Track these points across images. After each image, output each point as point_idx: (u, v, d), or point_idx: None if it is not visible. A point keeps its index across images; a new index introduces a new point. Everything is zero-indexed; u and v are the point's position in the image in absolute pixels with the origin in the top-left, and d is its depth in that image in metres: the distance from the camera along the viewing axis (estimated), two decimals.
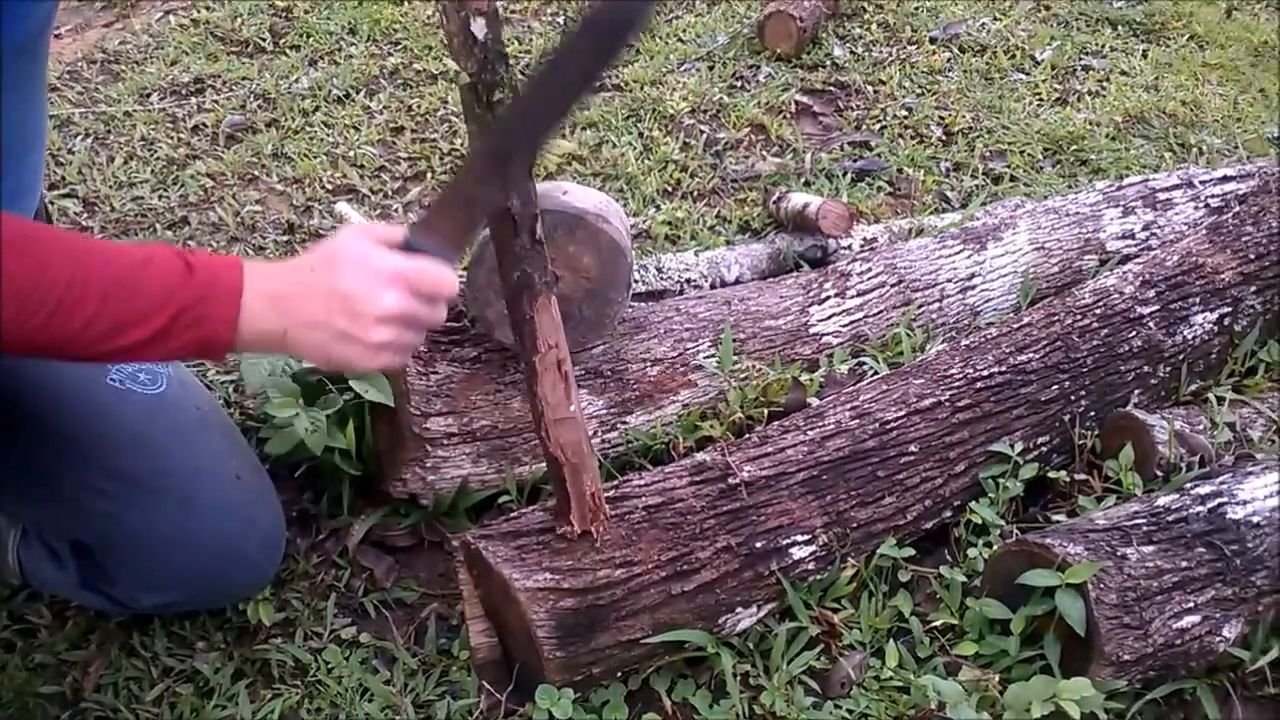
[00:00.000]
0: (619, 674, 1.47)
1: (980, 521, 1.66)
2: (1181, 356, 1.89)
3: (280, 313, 1.06)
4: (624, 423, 1.78)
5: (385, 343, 1.08)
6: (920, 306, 2.02)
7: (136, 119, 2.80)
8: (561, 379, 1.35)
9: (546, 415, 1.37)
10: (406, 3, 3.38)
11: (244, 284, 1.04)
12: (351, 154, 2.70)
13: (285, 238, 2.42)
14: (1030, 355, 1.78)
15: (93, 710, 1.46)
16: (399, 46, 3.22)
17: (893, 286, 2.02)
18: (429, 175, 2.66)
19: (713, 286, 2.12)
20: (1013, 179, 2.73)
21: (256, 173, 2.63)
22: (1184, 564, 1.47)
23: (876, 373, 1.87)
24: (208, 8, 3.36)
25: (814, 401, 1.77)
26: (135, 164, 2.63)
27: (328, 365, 1.11)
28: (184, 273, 1.02)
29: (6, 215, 0.97)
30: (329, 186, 2.59)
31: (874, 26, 3.43)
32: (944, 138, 2.91)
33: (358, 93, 2.96)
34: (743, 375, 1.84)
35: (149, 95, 2.92)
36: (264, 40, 3.20)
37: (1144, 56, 3.41)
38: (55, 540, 1.48)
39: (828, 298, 1.98)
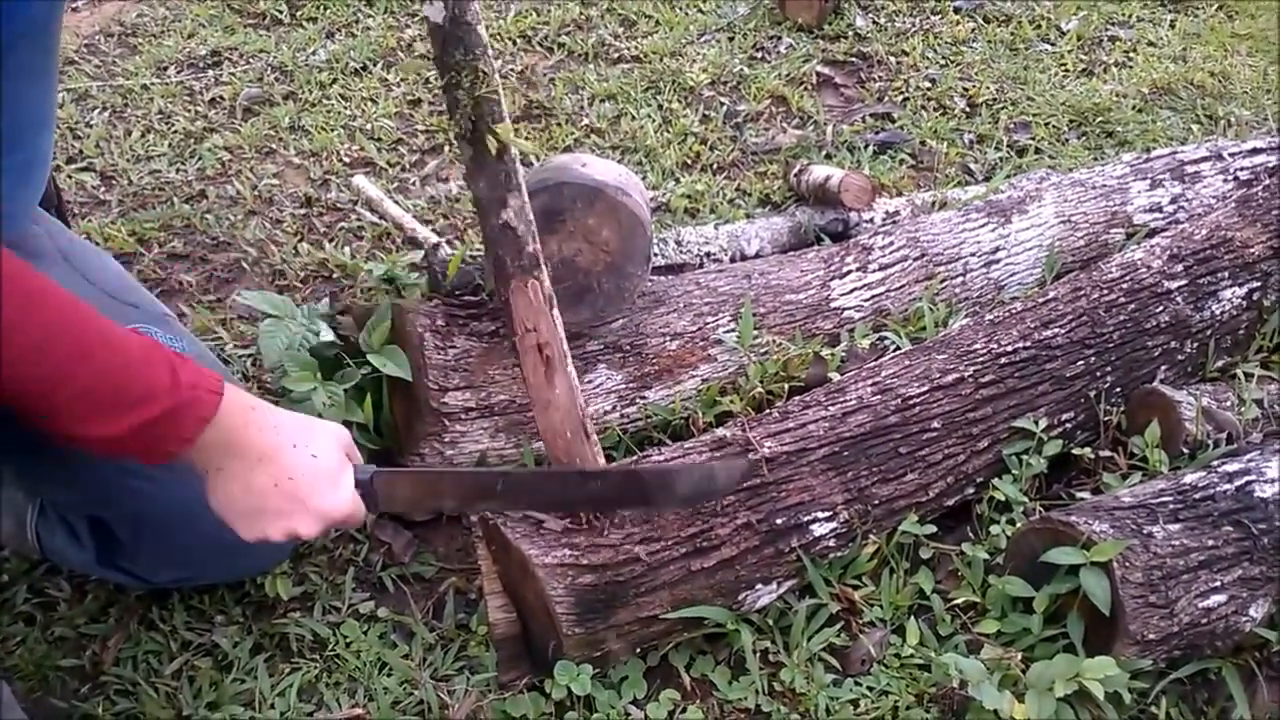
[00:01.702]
0: (638, 650, 1.47)
1: (1003, 498, 1.65)
2: (1209, 332, 1.87)
3: (229, 456, 1.08)
4: (643, 397, 1.77)
5: (266, 539, 1.13)
6: (943, 281, 2.00)
7: (154, 92, 2.79)
8: (542, 363, 1.34)
9: (531, 397, 1.37)
10: None
11: (220, 409, 1.05)
12: (369, 127, 2.69)
13: (302, 210, 2.41)
14: (1055, 330, 1.76)
15: (112, 683, 1.47)
16: (416, 18, 3.19)
17: (915, 260, 2.00)
18: (446, 148, 2.64)
19: (733, 260, 2.10)
20: (1037, 151, 2.70)
21: (274, 146, 2.62)
22: (1210, 542, 1.45)
23: (899, 348, 1.85)
24: None
25: (835, 376, 1.75)
26: (153, 137, 2.62)
27: (219, 515, 1.13)
28: (169, 380, 1.02)
29: (21, 267, 0.95)
30: (346, 159, 2.57)
31: None
32: (968, 109, 2.87)
33: (375, 65, 2.94)
34: (763, 350, 1.83)
35: (166, 68, 2.91)
36: (281, 12, 3.18)
37: (1171, 27, 3.36)
38: (73, 517, 1.48)
39: (849, 272, 1.96)
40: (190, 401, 1.03)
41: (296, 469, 1.10)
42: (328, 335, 1.68)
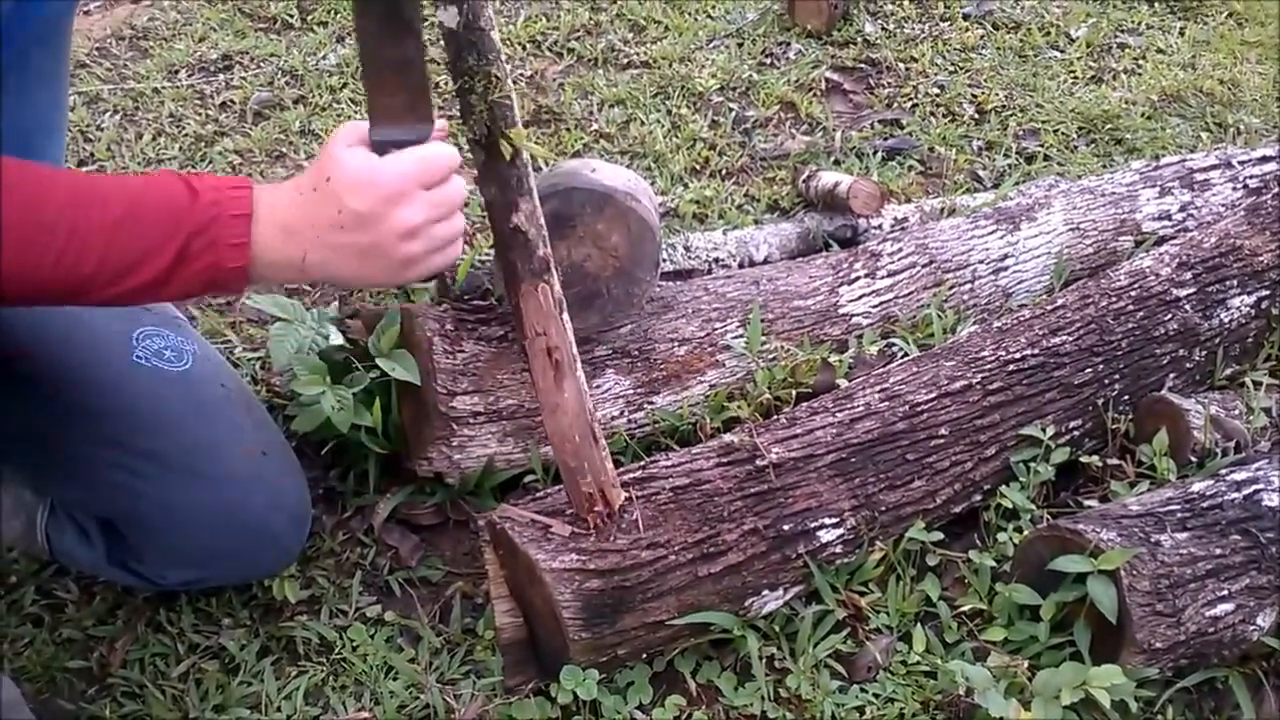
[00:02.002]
0: (644, 655, 1.47)
1: (1011, 506, 1.65)
2: (1218, 340, 1.86)
3: (295, 239, 1.01)
4: (651, 403, 1.77)
5: (416, 254, 1.04)
6: (952, 287, 2.00)
7: (165, 96, 2.80)
8: (551, 367, 1.34)
9: (540, 402, 1.37)
10: None
11: (253, 204, 0.99)
12: None
13: None
14: (1064, 338, 1.76)
15: (119, 685, 1.47)
16: (425, 23, 3.19)
17: (924, 267, 2.00)
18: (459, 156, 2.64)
19: (741, 266, 2.11)
20: (1046, 158, 2.69)
21: (284, 150, 2.63)
22: (1218, 551, 1.45)
23: (907, 354, 1.85)
24: None
25: (843, 383, 1.75)
26: (164, 141, 2.63)
27: (366, 285, 1.04)
28: (188, 197, 0.97)
29: (4, 158, 0.93)
30: None
31: (906, 3, 3.39)
32: (977, 116, 2.87)
33: None
34: (771, 356, 1.83)
35: (177, 72, 2.92)
36: (292, 17, 3.19)
37: (1181, 34, 3.35)
38: (83, 517, 1.48)
39: (858, 278, 1.96)
40: (217, 204, 0.97)
41: (341, 204, 1.00)
42: (337, 339, 1.69)
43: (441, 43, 1.21)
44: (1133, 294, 1.84)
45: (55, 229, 0.92)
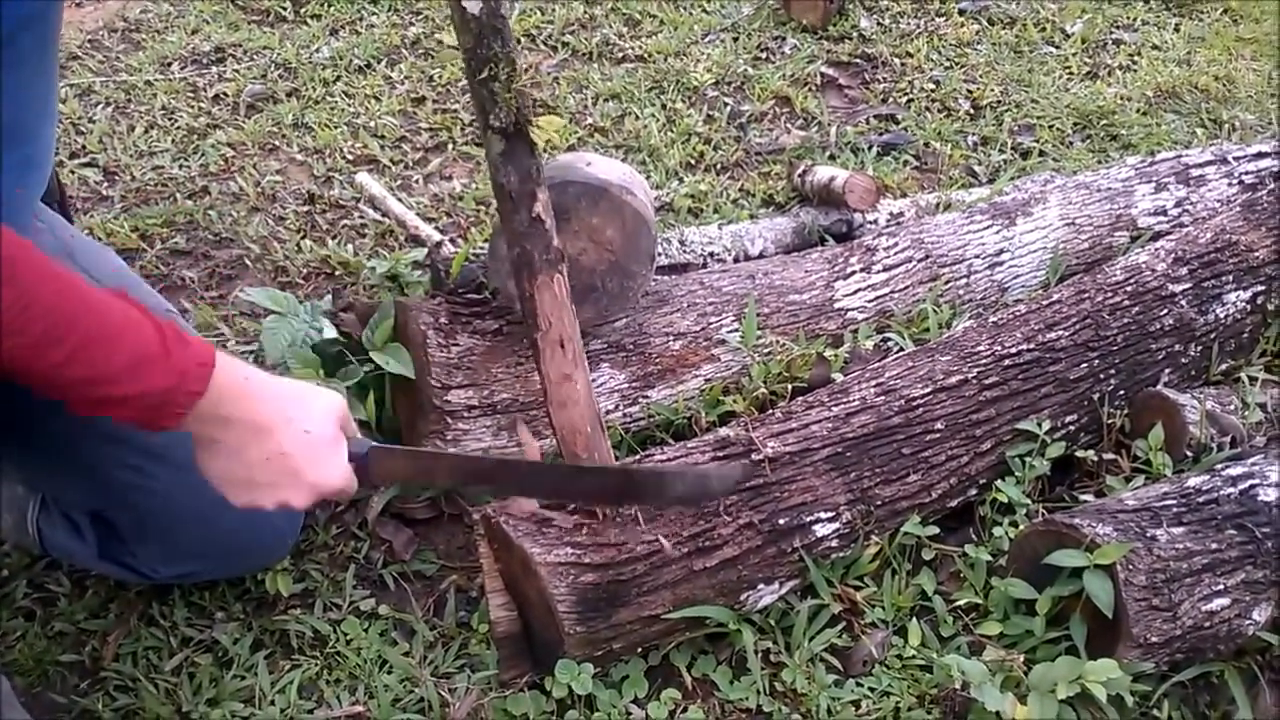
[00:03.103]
0: (639, 649, 1.46)
1: (1006, 500, 1.64)
2: (1213, 335, 1.86)
3: (222, 429, 1.06)
4: (646, 397, 1.77)
5: (258, 508, 1.11)
6: (947, 282, 1.99)
7: (157, 88, 2.79)
8: (564, 358, 1.34)
9: (548, 394, 1.36)
10: None
11: (210, 384, 1.03)
12: (372, 124, 2.69)
13: (305, 207, 2.40)
14: (1059, 333, 1.76)
15: (112, 679, 1.46)
16: (420, 16, 3.19)
17: (919, 261, 1.99)
18: (450, 146, 2.64)
19: (736, 260, 2.10)
20: (1042, 154, 2.70)
21: (277, 142, 2.62)
22: (1214, 546, 1.44)
23: (902, 349, 1.85)
24: None
25: (838, 377, 1.75)
26: (156, 133, 2.62)
27: (211, 482, 1.11)
28: (161, 358, 1.00)
29: (6, 230, 0.94)
30: (350, 157, 2.57)
31: None
32: (972, 111, 2.87)
33: (379, 62, 2.94)
34: (766, 350, 1.82)
35: (170, 64, 2.91)
36: (285, 9, 3.18)
37: (1176, 30, 3.36)
38: (75, 511, 1.47)
39: (853, 272, 1.95)
40: (182, 375, 1.01)
41: (289, 443, 1.08)
42: (330, 332, 1.68)
43: (453, 31, 1.21)
44: (1128, 289, 1.84)
45: (34, 321, 0.94)
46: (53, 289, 0.95)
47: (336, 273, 2.20)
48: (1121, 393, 1.76)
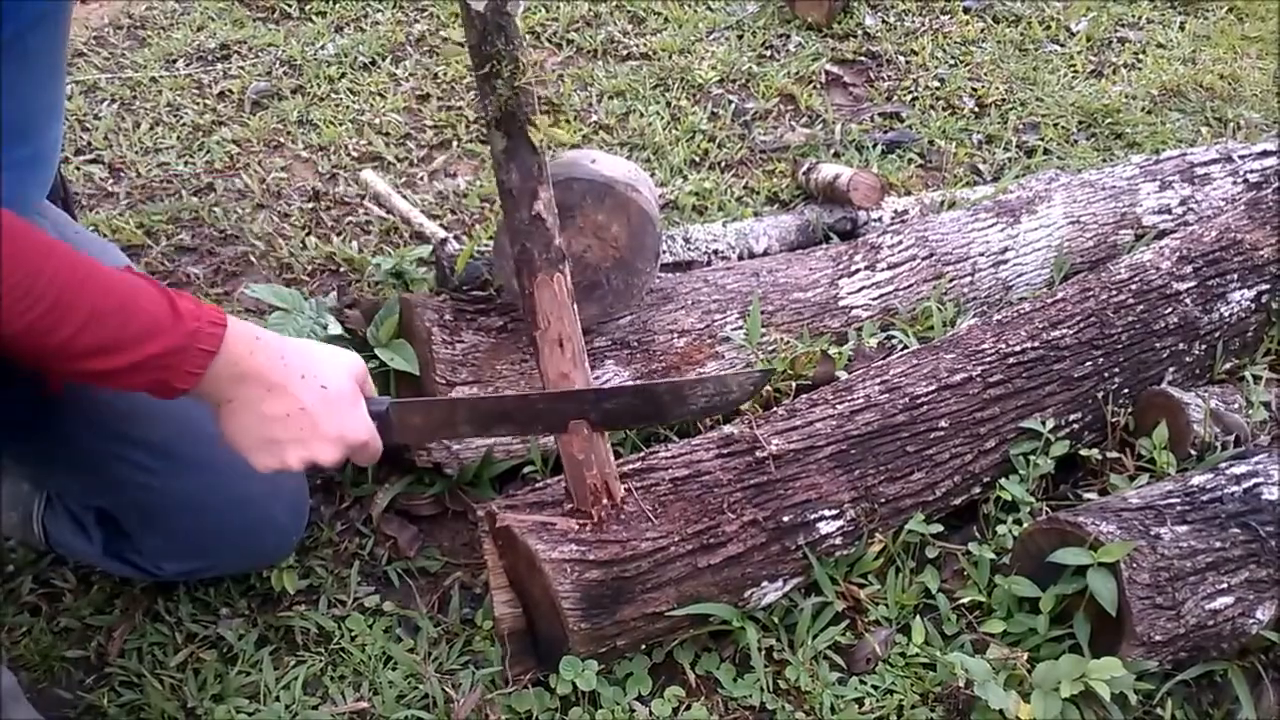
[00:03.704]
0: (643, 646, 1.47)
1: (1010, 498, 1.64)
2: (1218, 334, 1.86)
3: (239, 387, 1.06)
4: None
5: (285, 468, 1.11)
6: (951, 280, 1.99)
7: (163, 85, 2.79)
8: (562, 357, 1.33)
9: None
10: None
11: (223, 343, 1.04)
12: (377, 121, 2.69)
13: (310, 204, 2.41)
14: (1064, 331, 1.76)
15: (117, 674, 1.47)
16: (425, 13, 3.19)
17: (924, 259, 1.99)
18: (455, 143, 2.64)
19: (740, 258, 2.10)
20: (1046, 152, 2.69)
21: (282, 139, 2.62)
22: (1218, 545, 1.44)
23: (906, 347, 1.85)
24: None
25: (843, 375, 1.75)
26: (161, 130, 2.63)
27: (235, 448, 1.11)
28: (170, 319, 1.01)
29: (6, 212, 0.95)
30: (354, 154, 2.57)
31: None
32: (976, 109, 2.87)
33: (384, 60, 2.94)
34: (770, 348, 1.82)
35: (175, 61, 2.91)
36: (290, 6, 3.18)
37: (1181, 29, 3.35)
38: (79, 509, 1.48)
39: (857, 270, 1.95)
40: (194, 334, 1.02)
41: (307, 398, 1.08)
42: (335, 329, 1.68)
43: (462, 25, 1.21)
44: (1133, 287, 1.84)
45: (42, 297, 0.94)
46: (58, 263, 0.96)
47: (341, 269, 2.21)
48: (1126, 391, 1.76)
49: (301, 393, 1.08)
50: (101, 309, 0.97)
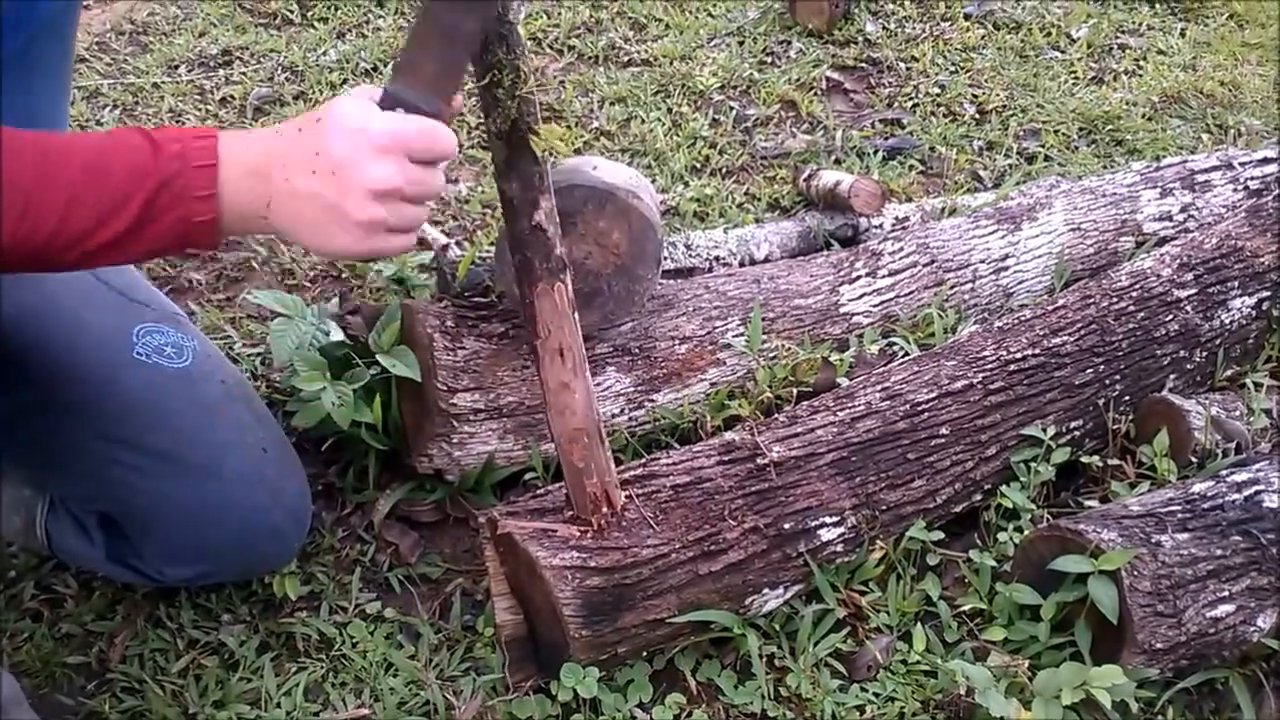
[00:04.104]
0: (644, 653, 1.47)
1: (1011, 506, 1.64)
2: (1219, 341, 1.86)
3: (263, 184, 0.97)
4: (651, 400, 1.77)
5: (377, 220, 0.97)
6: (953, 287, 2.00)
7: (165, 91, 2.80)
8: (562, 367, 1.34)
9: (547, 401, 1.36)
10: None
11: (219, 153, 0.95)
12: None
13: None
14: (1064, 338, 1.76)
15: (119, 681, 1.47)
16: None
17: (925, 266, 2.00)
18: (458, 149, 2.64)
19: (742, 264, 2.10)
20: (1047, 159, 2.69)
21: None
22: (1219, 552, 1.45)
23: (907, 354, 1.85)
24: None
25: (844, 382, 1.75)
26: None
27: (317, 250, 1.00)
28: (150, 150, 0.93)
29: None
30: None
31: (907, 2, 3.39)
32: (977, 116, 2.87)
33: (385, 65, 2.94)
34: (772, 354, 1.83)
35: (177, 67, 2.92)
36: (292, 12, 3.18)
37: (1182, 35, 3.35)
38: (82, 513, 1.48)
39: (858, 277, 1.96)
40: (181, 156, 0.94)
41: (337, 150, 0.96)
42: (337, 335, 1.69)
43: None
44: (1134, 295, 1.84)
45: (18, 185, 0.89)
46: (20, 162, 0.90)
47: (343, 275, 2.21)
48: (1127, 398, 1.77)
49: (312, 139, 0.97)
50: (78, 185, 0.91)
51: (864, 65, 3.09)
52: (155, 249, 0.96)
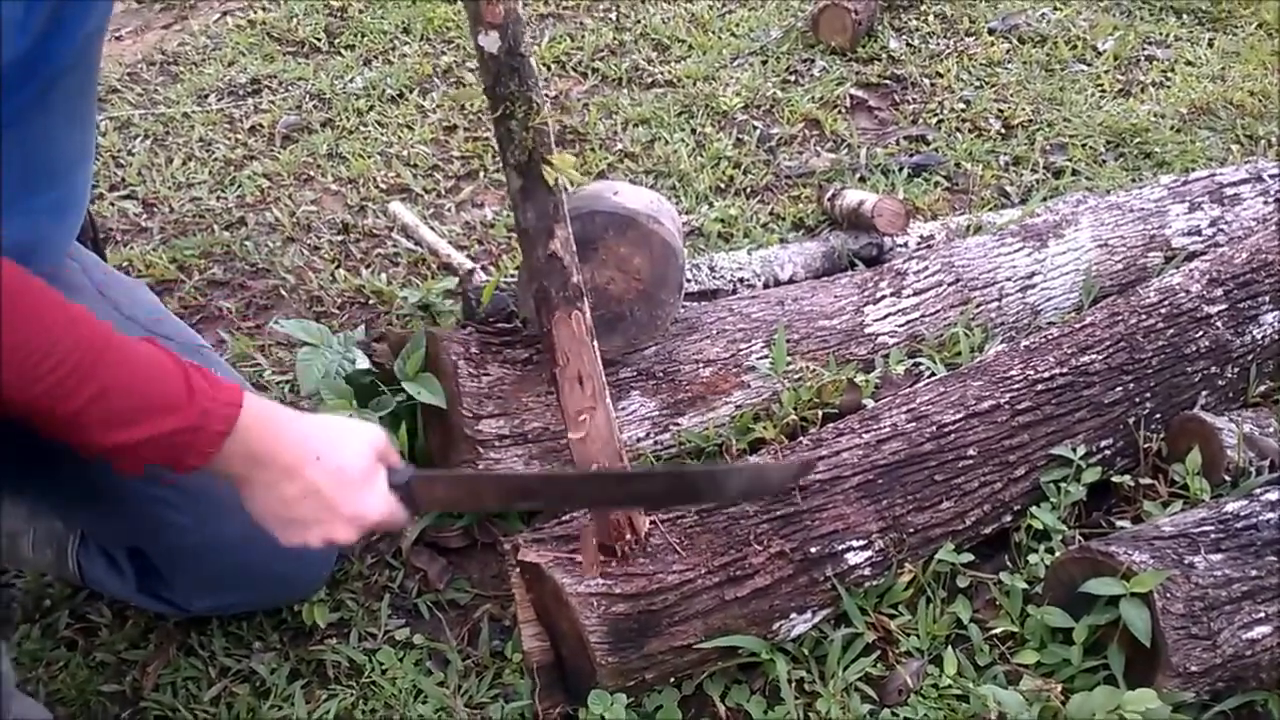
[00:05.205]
0: (672, 679, 1.46)
1: (1041, 527, 1.63)
2: (1250, 357, 1.84)
3: (253, 468, 1.06)
4: (676, 424, 1.77)
5: (306, 546, 1.11)
6: (979, 306, 1.99)
7: (195, 120, 2.84)
8: (582, 394, 1.34)
9: (568, 428, 1.37)
10: (459, 1, 3.38)
11: (236, 428, 1.03)
12: (405, 153, 2.72)
13: (340, 237, 2.43)
14: (1093, 356, 1.74)
15: (152, 709, 1.48)
16: (452, 45, 3.23)
17: (950, 285, 1.99)
18: (482, 174, 2.66)
19: (766, 286, 2.10)
20: (1074, 173, 2.68)
21: (312, 173, 2.65)
22: (1254, 573, 1.42)
23: (933, 374, 1.84)
24: (264, 8, 3.40)
25: (869, 403, 1.75)
26: (193, 165, 2.67)
27: (257, 521, 1.11)
28: (185, 395, 1.00)
29: (33, 279, 0.94)
30: (383, 186, 2.60)
31: (930, 18, 3.39)
32: (1003, 131, 2.86)
33: (411, 92, 2.97)
34: (796, 376, 1.82)
35: (207, 96, 2.96)
36: (319, 40, 3.22)
37: (1210, 46, 3.33)
38: (112, 547, 1.49)
39: (883, 297, 1.95)
40: (206, 414, 1.01)
41: (321, 479, 1.08)
42: (363, 363, 1.70)
43: (477, 66, 1.22)
44: (1163, 311, 1.82)
45: (59, 364, 0.94)
46: (78, 332, 0.96)
47: (370, 302, 2.23)
48: (1158, 416, 1.75)
49: (316, 475, 1.07)
50: (116, 381, 0.97)
51: (888, 82, 3.08)
52: (134, 461, 1.02)
